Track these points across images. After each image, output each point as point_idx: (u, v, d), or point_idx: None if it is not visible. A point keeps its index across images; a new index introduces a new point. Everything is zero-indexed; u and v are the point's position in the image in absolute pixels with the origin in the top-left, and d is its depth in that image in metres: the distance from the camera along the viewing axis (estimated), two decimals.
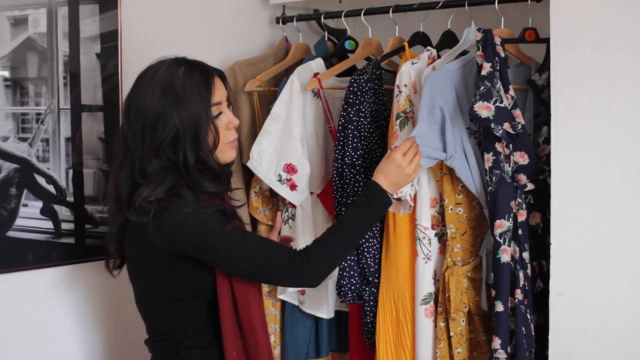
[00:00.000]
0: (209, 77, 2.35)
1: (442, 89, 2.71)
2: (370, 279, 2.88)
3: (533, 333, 2.65)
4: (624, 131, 2.42)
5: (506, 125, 2.56)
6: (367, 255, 2.87)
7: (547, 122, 2.57)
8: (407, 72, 2.81)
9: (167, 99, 2.26)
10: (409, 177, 2.54)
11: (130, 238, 2.38)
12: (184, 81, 2.28)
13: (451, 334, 2.77)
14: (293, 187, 3.02)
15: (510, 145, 2.65)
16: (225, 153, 2.40)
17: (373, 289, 2.89)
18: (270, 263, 2.37)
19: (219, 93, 2.37)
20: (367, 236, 2.85)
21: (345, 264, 2.85)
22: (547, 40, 2.65)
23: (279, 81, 3.26)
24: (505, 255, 2.62)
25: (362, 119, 2.90)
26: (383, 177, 2.52)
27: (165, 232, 2.26)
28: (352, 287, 2.86)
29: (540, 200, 2.70)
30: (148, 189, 2.26)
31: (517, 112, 2.63)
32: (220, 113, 2.36)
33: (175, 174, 2.29)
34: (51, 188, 2.74)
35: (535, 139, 2.80)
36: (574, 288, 2.51)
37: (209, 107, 2.31)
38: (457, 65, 2.76)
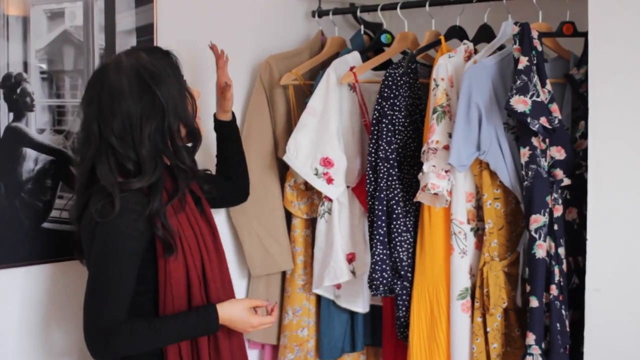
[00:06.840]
0: (170, 54, 2.42)
1: (479, 85, 2.70)
2: (403, 272, 2.86)
3: (568, 329, 2.63)
4: None
5: (543, 120, 2.54)
6: (400, 249, 2.85)
7: (585, 116, 2.56)
8: (444, 66, 2.80)
9: (143, 79, 2.29)
10: (246, 331, 2.46)
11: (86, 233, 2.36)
12: (151, 60, 2.33)
13: (488, 329, 2.76)
14: (329, 180, 3.02)
15: (547, 140, 2.63)
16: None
17: (405, 283, 2.88)
18: (90, 305, 2.28)
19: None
20: (399, 230, 2.85)
21: (377, 258, 2.84)
22: (585, 34, 2.63)
23: (314, 75, 3.25)
24: (541, 250, 2.60)
25: (396, 113, 2.89)
26: (228, 313, 2.36)
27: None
28: (384, 281, 2.85)
29: (577, 196, 2.68)
30: (143, 180, 2.27)
31: (554, 107, 2.61)
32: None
33: (162, 158, 2.34)
34: None
35: (573, 133, 2.78)
36: (610, 284, 2.49)
37: (181, 77, 2.39)
38: (494, 60, 2.75)
